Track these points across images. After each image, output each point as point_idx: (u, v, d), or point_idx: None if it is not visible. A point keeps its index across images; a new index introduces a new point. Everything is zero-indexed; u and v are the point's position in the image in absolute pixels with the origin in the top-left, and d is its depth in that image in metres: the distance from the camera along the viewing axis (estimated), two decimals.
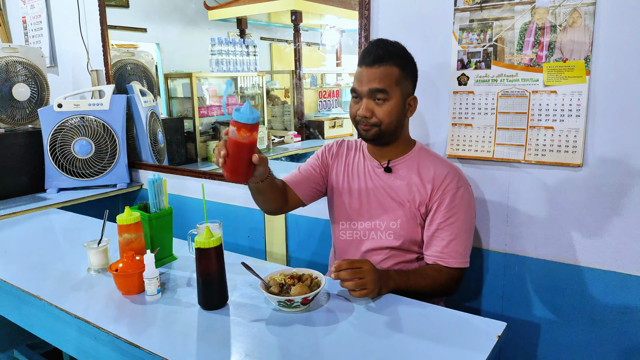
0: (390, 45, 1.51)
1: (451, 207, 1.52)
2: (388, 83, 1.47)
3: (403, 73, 1.50)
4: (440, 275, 1.51)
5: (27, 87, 2.86)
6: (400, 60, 1.49)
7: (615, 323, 1.62)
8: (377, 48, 1.49)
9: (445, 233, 1.52)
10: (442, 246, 1.52)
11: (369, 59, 1.48)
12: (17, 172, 2.72)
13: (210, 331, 1.24)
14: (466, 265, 1.54)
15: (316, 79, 5.07)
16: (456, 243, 1.51)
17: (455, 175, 1.55)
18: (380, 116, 1.49)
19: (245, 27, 4.76)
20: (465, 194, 1.54)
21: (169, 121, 3.77)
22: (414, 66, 1.55)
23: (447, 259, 1.51)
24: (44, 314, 1.46)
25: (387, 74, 1.47)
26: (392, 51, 1.49)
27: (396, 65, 1.48)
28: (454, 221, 1.52)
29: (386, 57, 1.47)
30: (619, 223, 1.57)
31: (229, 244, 2.53)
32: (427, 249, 1.56)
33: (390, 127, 1.52)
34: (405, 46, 1.54)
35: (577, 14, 1.51)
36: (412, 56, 1.55)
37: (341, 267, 1.35)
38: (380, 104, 1.49)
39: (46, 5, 3.31)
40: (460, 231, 1.52)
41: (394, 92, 1.48)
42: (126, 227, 1.54)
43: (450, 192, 1.52)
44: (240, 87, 4.50)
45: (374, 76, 1.48)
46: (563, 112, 1.58)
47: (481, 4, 1.66)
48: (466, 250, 1.54)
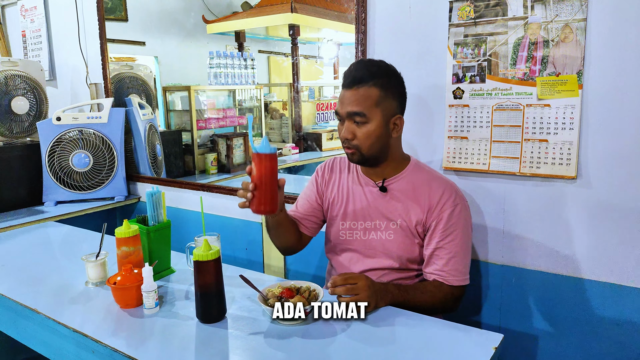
0: (372, 66, 1.49)
1: (449, 225, 1.51)
2: (366, 105, 1.45)
3: (383, 93, 1.47)
4: (439, 292, 1.50)
5: (26, 101, 2.87)
6: (381, 81, 1.46)
7: (613, 334, 1.63)
8: (356, 70, 1.48)
9: (444, 251, 1.51)
10: (442, 264, 1.51)
11: (347, 80, 1.48)
12: (15, 185, 2.72)
13: (209, 344, 1.25)
14: (466, 282, 1.53)
15: (314, 92, 5.09)
16: (455, 261, 1.51)
17: (452, 193, 1.54)
18: (361, 139, 1.48)
19: (244, 41, 4.78)
20: (462, 211, 1.53)
21: (167, 134, 3.78)
22: (399, 85, 1.53)
23: (447, 277, 1.50)
24: (41, 327, 1.46)
25: (366, 95, 1.45)
26: (373, 71, 1.47)
27: (376, 86, 1.46)
28: (453, 239, 1.51)
29: (365, 79, 1.45)
30: (614, 234, 1.58)
31: (227, 257, 2.53)
32: (426, 266, 1.55)
33: (372, 150, 1.50)
34: (394, 63, 1.52)
35: (568, 29, 1.53)
36: (397, 74, 1.53)
37: (336, 283, 1.35)
38: (360, 127, 1.48)
39: (46, 19, 3.33)
40: (459, 249, 1.52)
41: (373, 114, 1.46)
42: (124, 240, 1.54)
43: (447, 210, 1.51)
44: (238, 99, 4.52)
45: (352, 98, 1.46)
46: (557, 125, 1.60)
47: (475, 19, 1.69)
48: (465, 267, 1.54)
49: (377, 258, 1.60)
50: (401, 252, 1.57)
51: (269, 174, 1.35)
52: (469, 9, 1.69)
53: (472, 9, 1.69)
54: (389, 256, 1.58)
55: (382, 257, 1.59)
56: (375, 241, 1.60)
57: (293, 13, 3.86)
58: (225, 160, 4.02)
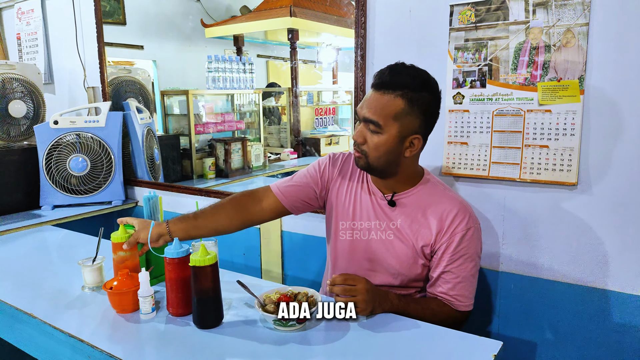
0: (408, 74, 1.35)
1: (459, 249, 1.42)
2: (384, 115, 1.34)
3: (408, 108, 1.34)
4: (442, 312, 1.44)
5: (23, 104, 2.86)
6: (410, 94, 1.33)
7: (612, 342, 1.62)
8: (390, 73, 1.35)
9: (452, 275, 1.43)
10: (448, 288, 1.44)
11: (377, 81, 1.37)
12: (12, 189, 2.71)
13: (205, 350, 1.23)
14: (471, 308, 1.47)
15: (312, 97, 5.10)
16: (462, 286, 1.44)
17: (465, 215, 1.43)
18: (369, 147, 1.39)
19: (242, 45, 4.79)
20: (475, 234, 1.44)
21: (165, 138, 3.78)
22: (431, 103, 1.38)
23: (452, 302, 1.44)
24: (37, 332, 1.44)
25: (387, 105, 1.34)
26: (404, 81, 1.34)
27: (403, 98, 1.33)
28: (462, 263, 1.43)
29: (394, 86, 1.33)
30: (614, 241, 1.57)
31: (224, 262, 2.52)
32: (431, 287, 1.49)
33: (378, 162, 1.41)
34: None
35: (570, 34, 1.53)
36: (435, 91, 1.39)
37: (335, 282, 1.33)
38: (372, 135, 1.37)
39: (43, 22, 3.32)
40: (468, 274, 1.44)
41: (390, 126, 1.35)
42: (121, 244, 1.53)
43: (459, 234, 1.42)
44: (236, 104, 4.52)
45: (374, 103, 1.36)
46: (558, 131, 1.60)
47: (476, 23, 1.68)
48: (472, 293, 1.47)
49: (377, 272, 1.53)
50: (404, 270, 1.49)
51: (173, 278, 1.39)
52: (469, 13, 1.69)
53: (473, 13, 1.68)
54: (389, 273, 1.52)
55: (383, 273, 1.52)
56: (377, 254, 1.52)
57: (292, 17, 3.86)
58: (224, 165, 4.01)
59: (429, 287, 1.49)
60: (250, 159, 4.17)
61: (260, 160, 4.27)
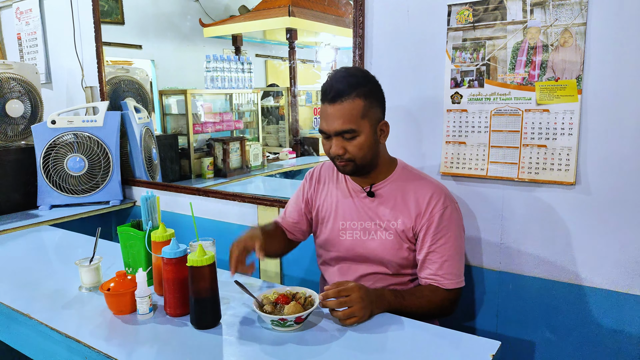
0: (351, 76, 1.45)
1: (440, 228, 1.49)
2: (354, 120, 1.42)
3: (368, 103, 1.44)
4: (436, 296, 1.48)
5: (21, 104, 2.85)
6: (363, 90, 1.43)
7: (610, 342, 1.61)
8: (337, 83, 1.43)
9: (437, 255, 1.49)
10: (435, 269, 1.49)
11: (329, 95, 1.43)
12: (9, 189, 2.71)
13: (203, 351, 1.23)
14: (461, 284, 1.52)
15: (311, 96, 5.09)
16: (449, 264, 1.49)
17: (440, 195, 1.51)
18: (353, 152, 1.45)
19: (241, 44, 4.78)
20: (453, 213, 1.51)
21: (163, 138, 3.77)
22: (378, 90, 1.50)
23: (442, 281, 1.49)
24: (34, 333, 1.44)
25: (351, 109, 1.42)
26: (352, 83, 1.42)
27: (359, 97, 1.42)
28: (445, 242, 1.49)
29: (347, 91, 1.41)
30: (613, 241, 1.57)
31: (222, 262, 2.51)
32: (420, 271, 1.54)
33: (365, 160, 1.48)
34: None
35: (568, 34, 1.53)
36: (375, 80, 1.50)
37: (328, 295, 1.32)
38: (350, 141, 1.45)
39: (41, 22, 3.32)
40: (452, 252, 1.49)
41: (362, 126, 1.44)
42: (161, 244, 1.49)
43: (437, 213, 1.49)
44: (235, 104, 4.51)
45: (338, 114, 1.42)
46: (556, 131, 1.59)
47: (474, 23, 1.68)
48: (459, 269, 1.52)
49: (368, 264, 1.58)
50: (391, 257, 1.55)
51: (170, 278, 1.38)
52: (467, 13, 1.68)
53: (471, 12, 1.68)
54: (379, 262, 1.57)
55: (373, 264, 1.58)
56: (364, 248, 1.58)
57: (290, 17, 3.85)
58: (222, 165, 4.01)
59: (419, 271, 1.55)
60: (249, 159, 4.17)
61: (259, 159, 4.26)
